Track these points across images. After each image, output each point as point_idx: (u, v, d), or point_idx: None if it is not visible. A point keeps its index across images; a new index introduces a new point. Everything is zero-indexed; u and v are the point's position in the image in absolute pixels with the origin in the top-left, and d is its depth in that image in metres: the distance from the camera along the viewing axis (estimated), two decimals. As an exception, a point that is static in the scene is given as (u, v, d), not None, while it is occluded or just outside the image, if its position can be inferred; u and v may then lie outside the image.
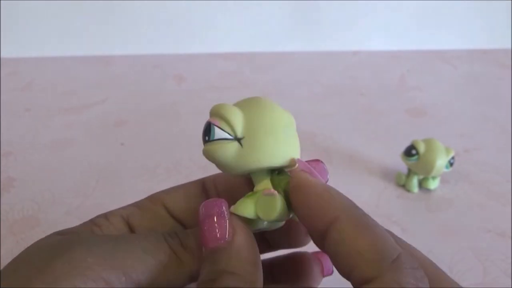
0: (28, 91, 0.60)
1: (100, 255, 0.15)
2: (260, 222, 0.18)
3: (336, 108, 0.55)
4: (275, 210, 0.16)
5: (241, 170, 0.17)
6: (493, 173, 0.43)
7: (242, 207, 0.17)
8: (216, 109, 0.17)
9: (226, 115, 0.17)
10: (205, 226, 0.16)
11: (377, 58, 0.71)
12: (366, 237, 0.15)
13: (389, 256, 0.14)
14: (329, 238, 0.15)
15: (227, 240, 0.16)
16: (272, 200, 0.17)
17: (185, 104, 0.56)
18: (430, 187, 0.40)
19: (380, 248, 0.14)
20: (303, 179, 0.17)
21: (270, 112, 0.18)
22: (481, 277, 0.32)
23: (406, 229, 0.36)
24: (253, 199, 0.17)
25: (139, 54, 0.71)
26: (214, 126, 0.17)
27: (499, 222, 0.37)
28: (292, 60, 0.70)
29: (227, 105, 0.17)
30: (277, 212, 0.16)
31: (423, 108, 0.56)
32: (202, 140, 0.17)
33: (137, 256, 0.16)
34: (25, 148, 0.47)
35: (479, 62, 0.70)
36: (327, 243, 0.15)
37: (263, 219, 0.17)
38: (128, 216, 0.20)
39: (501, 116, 0.54)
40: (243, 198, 0.17)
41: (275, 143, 0.17)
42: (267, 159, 0.17)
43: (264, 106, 0.18)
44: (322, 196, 0.16)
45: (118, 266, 0.15)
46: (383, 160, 0.44)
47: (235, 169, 0.17)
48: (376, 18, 0.72)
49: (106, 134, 0.49)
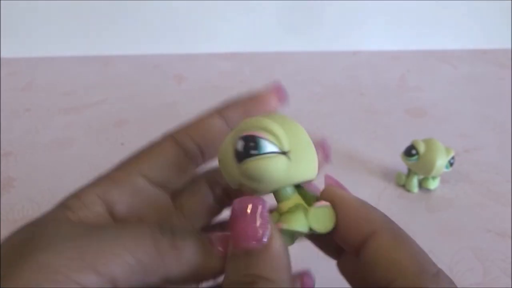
0: (28, 91, 0.60)
1: (68, 256, 0.14)
2: (288, 239, 0.17)
3: (336, 108, 0.55)
4: (331, 220, 0.17)
5: (285, 184, 0.17)
6: (493, 173, 0.43)
7: (292, 221, 0.16)
8: (255, 122, 0.16)
9: (272, 128, 0.16)
10: (242, 223, 0.15)
11: (377, 58, 0.71)
12: (406, 250, 0.15)
13: (430, 270, 0.15)
14: (368, 250, 0.16)
15: (264, 243, 0.15)
16: (329, 211, 0.17)
17: (185, 104, 0.56)
18: (430, 187, 0.40)
19: (421, 262, 0.15)
20: (339, 194, 0.17)
21: (298, 126, 0.18)
22: (481, 277, 0.32)
23: (406, 229, 0.36)
24: (301, 213, 0.17)
25: (139, 54, 0.71)
26: (262, 139, 0.16)
27: (499, 222, 0.37)
28: (292, 60, 0.70)
29: (266, 118, 0.16)
30: (333, 222, 0.17)
31: (423, 108, 0.56)
32: (240, 156, 0.16)
33: (113, 253, 0.15)
34: (25, 148, 0.47)
35: (479, 62, 0.70)
36: (365, 255, 0.16)
37: (318, 230, 0.17)
38: (104, 194, 0.18)
39: (501, 116, 0.54)
40: (286, 214, 0.17)
41: (314, 156, 0.18)
42: (310, 172, 0.17)
43: (290, 121, 0.18)
44: (360, 210, 0.17)
45: (89, 266, 0.14)
46: (383, 160, 0.44)
47: (280, 184, 0.17)
48: (376, 18, 0.72)
49: (106, 134, 0.49)
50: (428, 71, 0.67)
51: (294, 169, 0.16)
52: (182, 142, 0.19)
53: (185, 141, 0.19)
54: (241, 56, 0.71)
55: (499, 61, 0.70)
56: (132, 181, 0.18)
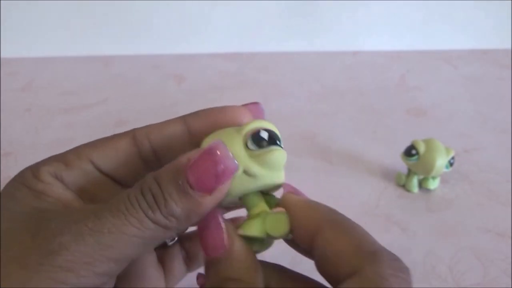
0: (28, 91, 0.60)
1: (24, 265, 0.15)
2: (258, 244, 0.19)
3: (336, 108, 0.55)
4: (286, 225, 0.18)
5: (266, 184, 0.18)
6: (493, 173, 0.43)
7: (250, 227, 0.18)
8: (265, 123, 0.18)
9: (272, 126, 0.18)
10: (203, 237, 0.17)
11: (377, 58, 0.71)
12: (345, 237, 0.16)
13: (368, 250, 0.15)
14: (316, 247, 0.17)
15: (226, 249, 0.17)
16: (283, 217, 0.18)
17: (185, 104, 0.56)
18: (430, 187, 0.40)
19: (358, 244, 0.16)
20: (291, 199, 0.18)
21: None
22: (481, 277, 0.32)
23: (406, 229, 0.36)
24: (259, 219, 0.18)
25: (139, 54, 0.71)
26: (279, 136, 0.18)
27: (499, 222, 0.37)
28: (292, 60, 0.70)
29: (270, 123, 0.18)
30: (288, 227, 0.18)
31: (423, 108, 0.56)
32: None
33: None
34: (25, 148, 0.47)
35: (479, 62, 0.70)
36: (315, 252, 0.17)
37: (274, 235, 0.18)
38: (55, 173, 0.18)
39: (501, 116, 0.54)
40: (247, 220, 0.18)
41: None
42: (282, 178, 0.19)
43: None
44: (305, 210, 0.18)
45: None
46: (383, 160, 0.44)
47: (268, 180, 0.18)
48: (376, 18, 0.72)
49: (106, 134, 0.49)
50: (428, 71, 0.67)
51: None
52: (140, 142, 0.20)
53: (143, 142, 0.20)
54: (241, 56, 0.71)
55: (499, 61, 0.70)
56: (82, 165, 0.19)
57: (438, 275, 0.32)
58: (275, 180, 0.18)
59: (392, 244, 0.35)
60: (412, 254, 0.34)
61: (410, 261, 0.33)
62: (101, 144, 0.20)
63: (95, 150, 0.19)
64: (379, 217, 0.38)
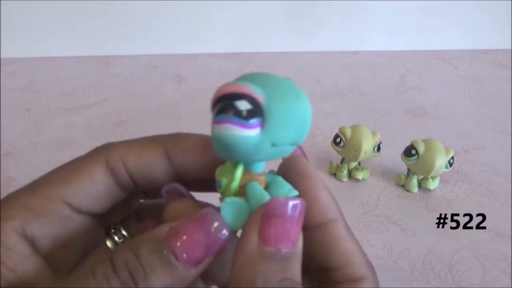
0: (28, 91, 0.60)
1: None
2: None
3: (336, 108, 0.55)
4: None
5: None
6: (492, 173, 0.43)
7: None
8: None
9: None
10: (285, 225, 0.14)
11: (377, 58, 0.71)
12: (356, 242, 0.16)
13: (370, 262, 0.16)
14: (326, 233, 0.16)
15: (296, 246, 0.14)
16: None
17: (185, 104, 0.56)
18: (430, 187, 0.40)
19: (364, 254, 0.16)
20: (309, 169, 0.16)
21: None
22: (481, 277, 0.32)
23: (406, 229, 0.36)
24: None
25: (139, 54, 0.71)
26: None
27: (499, 222, 0.37)
28: (292, 60, 0.70)
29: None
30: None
31: (423, 108, 0.56)
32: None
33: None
34: (25, 148, 0.47)
35: (479, 62, 0.70)
36: (322, 237, 0.16)
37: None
38: (23, 228, 0.15)
39: (501, 116, 0.54)
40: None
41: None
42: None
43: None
44: (328, 194, 0.16)
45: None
46: (383, 160, 0.44)
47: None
48: (376, 18, 0.72)
49: (106, 134, 0.49)
50: (428, 71, 0.67)
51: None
52: (116, 170, 0.17)
53: (119, 169, 0.17)
54: (241, 56, 0.71)
55: (499, 61, 0.70)
56: (54, 210, 0.16)
57: (438, 275, 0.32)
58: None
59: (391, 244, 0.35)
60: (411, 254, 0.34)
61: (410, 261, 0.33)
62: (72, 177, 0.16)
63: (68, 187, 0.16)
64: (379, 217, 0.38)
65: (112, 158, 0.17)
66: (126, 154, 0.17)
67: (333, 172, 0.43)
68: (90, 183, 0.16)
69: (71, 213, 0.16)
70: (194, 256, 0.14)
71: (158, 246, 0.14)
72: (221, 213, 0.15)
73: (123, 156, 0.17)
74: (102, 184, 0.16)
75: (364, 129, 0.40)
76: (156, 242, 0.14)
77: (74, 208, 0.16)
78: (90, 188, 0.16)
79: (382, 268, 0.33)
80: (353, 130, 0.40)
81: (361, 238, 0.35)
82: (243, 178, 0.16)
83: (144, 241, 0.14)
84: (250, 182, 0.16)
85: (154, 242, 0.14)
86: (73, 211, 0.16)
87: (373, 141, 0.40)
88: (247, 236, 0.14)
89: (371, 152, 0.40)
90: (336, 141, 0.41)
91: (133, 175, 0.17)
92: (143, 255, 0.14)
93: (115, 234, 0.19)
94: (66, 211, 0.16)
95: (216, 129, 0.14)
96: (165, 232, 0.14)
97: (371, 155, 0.41)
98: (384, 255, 0.34)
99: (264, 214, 0.14)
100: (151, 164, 0.17)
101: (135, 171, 0.17)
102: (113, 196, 0.17)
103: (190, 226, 0.14)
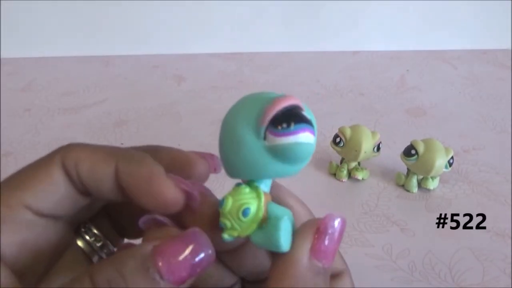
0: (28, 91, 0.60)
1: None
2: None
3: (336, 108, 0.55)
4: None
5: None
6: (492, 173, 0.43)
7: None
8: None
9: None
10: (333, 241, 0.15)
11: (377, 58, 0.71)
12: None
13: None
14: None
15: (332, 262, 0.15)
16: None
17: (185, 104, 0.56)
18: (430, 187, 0.40)
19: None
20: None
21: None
22: (481, 277, 0.32)
23: (406, 229, 0.36)
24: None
25: (139, 54, 0.71)
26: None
27: (498, 222, 0.37)
28: (292, 60, 0.70)
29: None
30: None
31: (423, 108, 0.56)
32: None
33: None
34: (25, 148, 0.47)
35: (479, 62, 0.70)
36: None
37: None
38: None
39: (501, 116, 0.54)
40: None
41: None
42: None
43: None
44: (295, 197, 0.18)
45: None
46: (382, 160, 0.44)
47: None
48: (376, 18, 0.72)
49: (106, 134, 0.49)
50: (428, 71, 0.67)
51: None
52: (69, 173, 0.16)
53: (72, 174, 0.16)
54: (241, 56, 0.71)
55: (499, 61, 0.70)
56: (16, 216, 0.15)
57: (438, 275, 0.32)
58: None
59: (391, 244, 0.35)
60: (411, 254, 0.34)
61: (410, 261, 0.33)
62: (31, 181, 0.16)
63: (28, 190, 0.15)
64: (379, 217, 0.38)
65: (68, 162, 0.16)
66: (80, 161, 0.16)
67: (333, 172, 0.43)
68: (49, 186, 0.16)
69: (34, 217, 0.15)
70: (180, 275, 0.14)
71: (143, 264, 0.13)
72: (280, 239, 0.15)
73: (77, 162, 0.16)
74: (62, 186, 0.16)
75: (364, 129, 0.40)
76: (140, 259, 0.14)
77: (36, 212, 0.15)
78: (50, 190, 0.16)
79: (381, 268, 0.33)
80: (353, 130, 0.40)
81: (361, 238, 0.35)
82: (265, 200, 0.16)
83: (128, 257, 0.14)
84: (270, 203, 0.16)
85: (139, 259, 0.14)
86: (36, 215, 0.15)
87: (373, 141, 0.40)
88: (300, 250, 0.15)
89: (371, 152, 0.40)
90: (336, 141, 0.41)
91: (84, 184, 0.16)
92: (128, 273, 0.13)
93: (86, 234, 0.18)
94: (28, 215, 0.15)
95: (293, 139, 0.14)
96: (150, 249, 0.14)
97: (371, 155, 0.41)
98: (383, 255, 0.34)
99: (318, 230, 0.15)
100: (101, 180, 0.16)
101: (86, 181, 0.16)
102: (77, 199, 0.16)
103: (176, 245, 0.14)
